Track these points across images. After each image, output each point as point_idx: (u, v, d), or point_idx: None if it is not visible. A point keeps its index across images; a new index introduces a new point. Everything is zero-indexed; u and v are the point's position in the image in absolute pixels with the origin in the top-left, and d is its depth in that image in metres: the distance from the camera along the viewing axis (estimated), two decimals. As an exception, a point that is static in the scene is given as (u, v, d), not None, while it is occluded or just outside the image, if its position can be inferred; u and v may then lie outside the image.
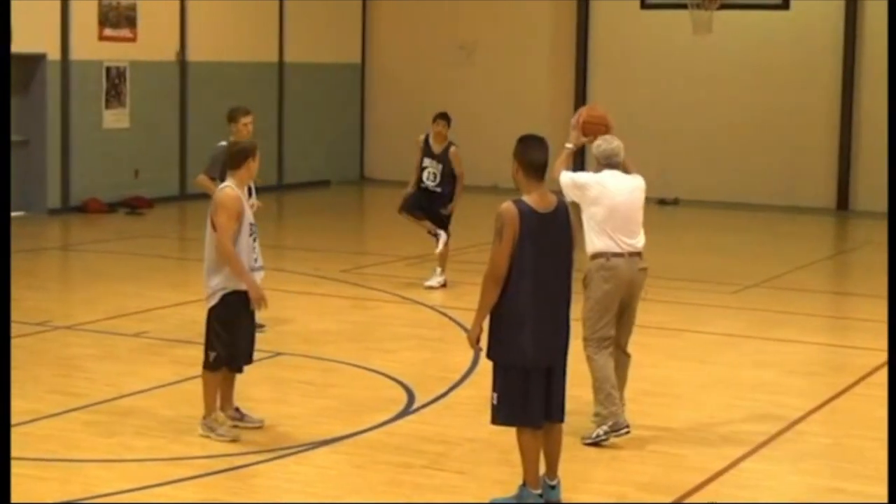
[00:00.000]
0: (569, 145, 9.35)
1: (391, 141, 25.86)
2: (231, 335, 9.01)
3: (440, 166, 14.77)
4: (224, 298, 8.93)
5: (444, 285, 14.79)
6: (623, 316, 9.17)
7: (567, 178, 9.10)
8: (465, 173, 14.98)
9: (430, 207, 14.87)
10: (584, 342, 9.05)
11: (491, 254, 7.49)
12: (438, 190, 14.80)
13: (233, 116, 12.16)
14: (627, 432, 8.98)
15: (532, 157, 7.60)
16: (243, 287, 8.92)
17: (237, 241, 8.91)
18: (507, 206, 7.52)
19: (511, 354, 7.52)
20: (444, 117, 14.91)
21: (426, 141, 14.92)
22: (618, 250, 9.03)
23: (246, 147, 9.28)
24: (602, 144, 9.22)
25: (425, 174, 14.81)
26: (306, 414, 9.66)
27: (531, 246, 7.44)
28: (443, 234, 14.79)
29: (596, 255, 9.02)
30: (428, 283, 14.77)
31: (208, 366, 9.08)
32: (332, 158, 26.41)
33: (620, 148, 9.23)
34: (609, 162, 9.17)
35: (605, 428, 8.96)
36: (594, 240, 9.02)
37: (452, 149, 14.83)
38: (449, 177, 14.79)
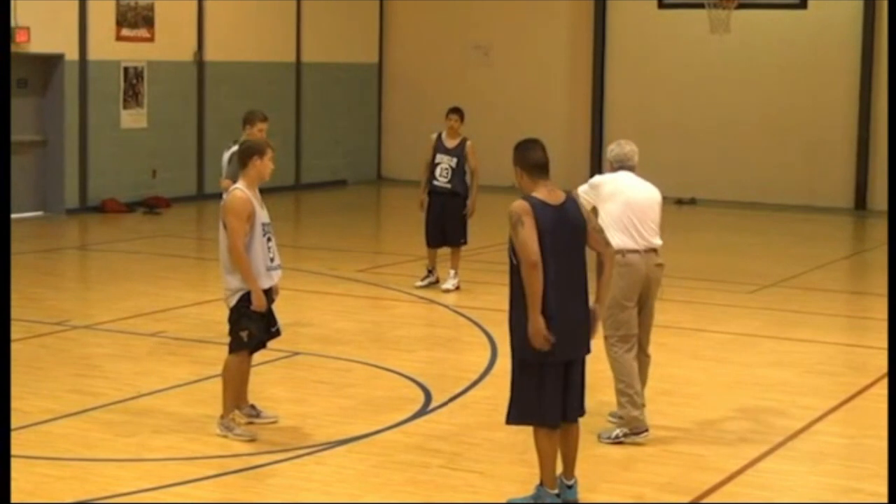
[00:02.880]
0: None
1: (408, 141, 25.84)
2: (259, 318, 8.98)
3: (455, 160, 14.66)
4: (242, 299, 8.94)
5: (458, 288, 14.74)
6: (641, 314, 9.17)
7: (582, 187, 9.20)
8: (480, 170, 14.91)
9: (448, 215, 14.73)
10: (605, 341, 9.04)
11: (518, 243, 7.39)
12: (449, 187, 14.67)
13: (250, 120, 12.09)
14: (646, 435, 9.00)
15: (531, 157, 7.58)
16: (262, 285, 8.92)
17: (250, 242, 8.86)
18: (518, 202, 7.51)
19: (532, 349, 7.44)
20: (456, 111, 14.82)
21: (439, 137, 14.87)
22: (634, 246, 9.04)
23: (252, 146, 9.12)
24: (615, 149, 9.35)
25: (438, 170, 14.72)
26: (323, 413, 9.66)
27: (548, 238, 7.41)
28: (450, 281, 14.76)
29: None
30: (444, 286, 14.72)
31: (241, 345, 8.97)
32: (349, 158, 26.42)
33: (634, 152, 9.35)
34: (623, 165, 9.30)
35: (625, 430, 8.98)
36: (611, 236, 9.00)
37: (469, 143, 14.78)
38: (461, 172, 14.73)
